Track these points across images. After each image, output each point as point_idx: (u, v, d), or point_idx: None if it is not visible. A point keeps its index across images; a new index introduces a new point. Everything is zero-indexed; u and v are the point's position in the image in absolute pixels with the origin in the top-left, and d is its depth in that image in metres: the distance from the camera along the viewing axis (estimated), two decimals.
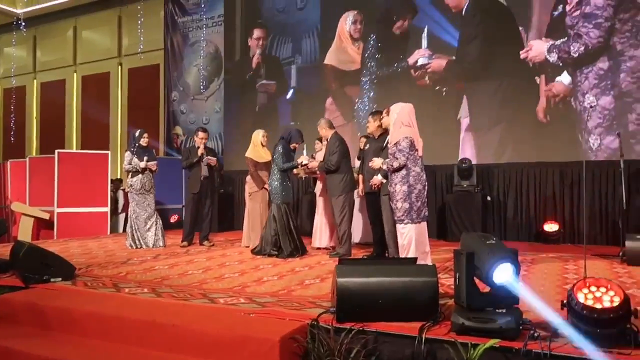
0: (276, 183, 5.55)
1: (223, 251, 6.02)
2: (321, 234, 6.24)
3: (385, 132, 5.03)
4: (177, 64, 10.48)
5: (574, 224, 6.61)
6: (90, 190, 8.08)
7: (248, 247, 6.15)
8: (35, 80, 12.92)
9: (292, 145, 5.69)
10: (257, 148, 6.23)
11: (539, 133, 6.91)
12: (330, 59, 8.87)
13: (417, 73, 7.94)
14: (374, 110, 6.27)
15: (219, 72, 9.92)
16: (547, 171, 6.80)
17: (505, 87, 7.28)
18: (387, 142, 4.68)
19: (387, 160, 4.36)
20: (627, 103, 6.49)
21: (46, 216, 8.09)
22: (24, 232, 8.05)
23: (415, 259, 3.41)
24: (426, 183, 4.41)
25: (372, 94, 8.40)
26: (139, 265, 4.91)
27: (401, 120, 4.33)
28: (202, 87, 10.03)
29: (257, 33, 9.59)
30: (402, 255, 4.29)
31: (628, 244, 4.70)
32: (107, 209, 8.28)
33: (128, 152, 6.34)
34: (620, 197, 5.36)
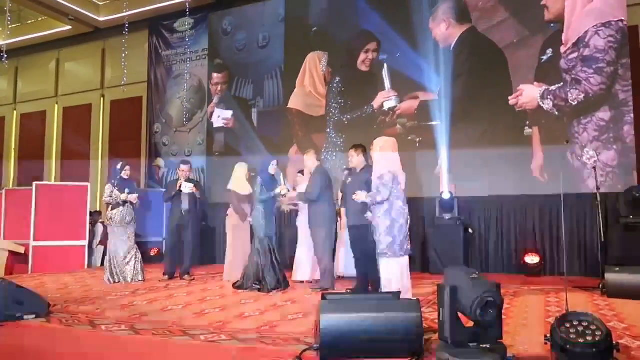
0: (259, 216, 5.51)
1: (204, 285, 5.91)
2: (303, 267, 6.18)
3: (367, 165, 5.08)
4: (161, 96, 10.51)
5: (554, 255, 6.68)
6: (68, 223, 7.91)
7: (230, 281, 6.05)
8: (15, 112, 12.78)
9: (271, 171, 5.67)
10: (240, 181, 6.21)
11: (520, 167, 6.96)
12: (295, 102, 8.50)
13: (386, 119, 7.67)
14: (354, 145, 6.16)
15: (202, 104, 9.97)
16: (526, 204, 6.90)
17: (492, 134, 6.98)
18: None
19: (371, 193, 4.41)
20: (631, 160, 6.11)
21: (21, 250, 7.87)
22: None
23: (399, 293, 3.40)
24: (409, 217, 4.45)
25: (340, 141, 8.03)
26: (117, 301, 4.78)
27: (384, 154, 4.41)
28: (185, 120, 10.05)
29: (215, 78, 9.59)
30: (385, 288, 4.28)
31: (608, 276, 4.76)
32: (85, 243, 8.10)
33: (109, 185, 6.28)
34: (598, 229, 5.46)
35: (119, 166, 6.34)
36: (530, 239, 6.83)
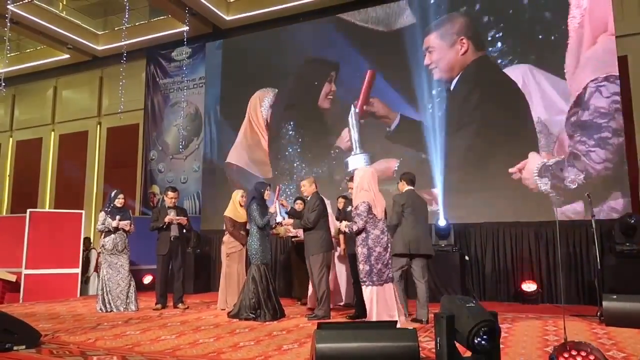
0: (255, 244, 5.47)
1: (198, 314, 5.82)
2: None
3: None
4: (157, 123, 10.58)
5: (551, 283, 6.65)
6: (61, 251, 7.82)
7: (224, 309, 5.97)
8: (11, 139, 12.81)
9: (265, 196, 5.66)
10: (236, 207, 6.20)
11: (514, 194, 7.00)
12: (234, 156, 8.28)
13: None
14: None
15: (199, 132, 10.03)
16: (522, 231, 6.90)
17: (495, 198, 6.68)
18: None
19: (348, 223, 4.55)
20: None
21: (13, 278, 7.75)
22: None
23: (395, 322, 3.37)
24: (388, 245, 4.50)
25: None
26: (109, 331, 4.70)
27: (361, 185, 4.53)
28: (181, 147, 10.09)
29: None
30: (368, 315, 4.33)
31: (605, 304, 4.73)
32: (78, 270, 8.01)
33: (102, 212, 6.25)
34: (594, 256, 5.45)
35: (112, 194, 6.32)
36: (526, 266, 6.80)
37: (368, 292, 4.34)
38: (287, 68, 8.74)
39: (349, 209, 5.55)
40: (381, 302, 4.30)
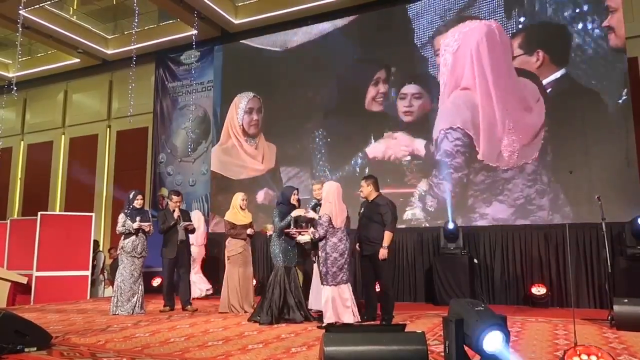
0: (275, 247, 5.51)
1: (207, 317, 5.84)
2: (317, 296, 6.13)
3: (378, 195, 5.38)
4: (166, 127, 10.64)
5: (561, 286, 6.59)
6: (71, 253, 7.90)
7: (224, 312, 6.01)
8: (22, 142, 12.94)
9: (293, 201, 5.61)
10: (236, 210, 6.24)
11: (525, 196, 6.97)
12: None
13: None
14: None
15: (207, 135, 10.07)
16: (531, 234, 6.85)
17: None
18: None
19: (313, 231, 5.08)
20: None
21: (24, 280, 7.83)
22: None
23: (404, 325, 3.35)
24: (346, 251, 5.01)
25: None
26: (119, 333, 4.73)
27: (327, 198, 5.08)
28: (189, 150, 10.14)
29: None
30: (324, 313, 4.92)
31: (616, 308, 4.68)
32: (88, 273, 8.07)
33: (122, 214, 6.22)
34: (605, 259, 5.40)
35: (131, 195, 6.29)
36: (536, 269, 6.76)
37: (325, 291, 4.93)
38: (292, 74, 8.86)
39: (361, 210, 5.58)
40: (337, 299, 4.89)
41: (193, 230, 6.66)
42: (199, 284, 7.98)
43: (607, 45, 6.71)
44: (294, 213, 5.47)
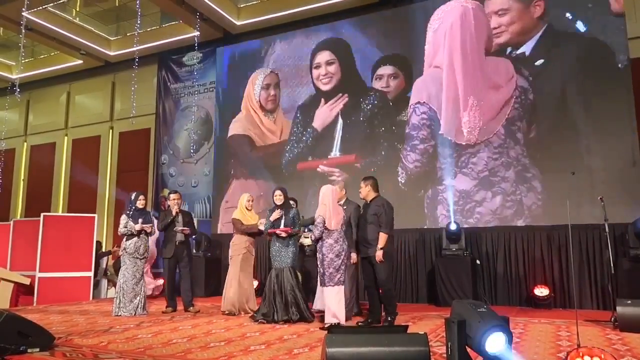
0: (272, 247, 5.54)
1: (209, 318, 5.85)
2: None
3: (377, 196, 5.35)
4: (168, 128, 10.66)
5: (564, 288, 6.57)
6: (74, 254, 7.91)
7: (225, 312, 6.01)
8: (25, 143, 12.99)
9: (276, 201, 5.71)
10: (243, 211, 6.24)
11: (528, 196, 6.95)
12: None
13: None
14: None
15: (209, 136, 10.09)
16: (534, 235, 6.83)
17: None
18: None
19: (309, 234, 5.28)
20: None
21: (27, 281, 7.85)
22: (2, 298, 7.75)
23: (407, 326, 3.35)
24: (342, 252, 5.03)
25: None
26: (121, 334, 4.74)
27: (322, 200, 5.13)
28: (192, 151, 10.15)
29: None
30: (326, 312, 5.00)
31: (619, 309, 4.66)
32: (91, 274, 8.08)
33: (124, 215, 6.22)
34: (608, 260, 5.38)
35: (133, 196, 6.29)
36: (539, 270, 6.74)
37: (333, 292, 4.96)
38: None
39: (360, 212, 5.59)
40: (332, 300, 4.94)
41: (190, 235, 6.63)
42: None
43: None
44: (273, 216, 5.57)
